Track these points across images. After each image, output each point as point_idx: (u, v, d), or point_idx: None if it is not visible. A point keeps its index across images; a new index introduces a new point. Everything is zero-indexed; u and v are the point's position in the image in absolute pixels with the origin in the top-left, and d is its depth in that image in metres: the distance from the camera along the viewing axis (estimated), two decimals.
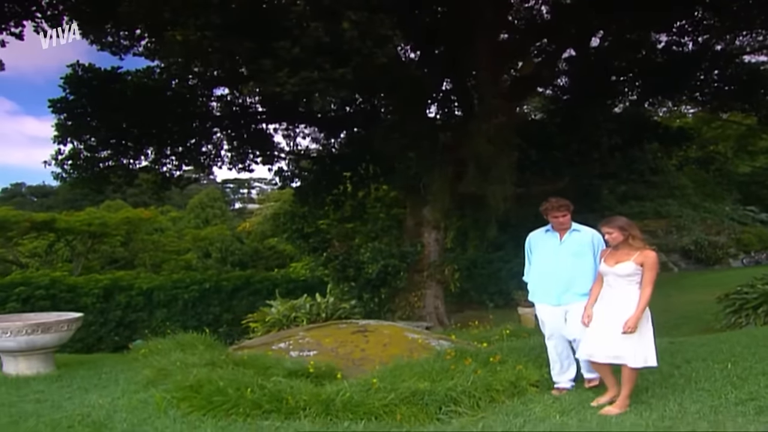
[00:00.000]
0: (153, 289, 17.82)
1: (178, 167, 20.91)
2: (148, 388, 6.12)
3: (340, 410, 5.03)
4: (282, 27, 8.61)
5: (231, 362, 6.32)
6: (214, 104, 20.38)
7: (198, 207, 42.20)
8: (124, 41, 17.43)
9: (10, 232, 29.49)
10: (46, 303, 15.59)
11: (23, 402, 5.91)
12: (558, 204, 5.71)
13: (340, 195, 21.35)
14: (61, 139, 17.93)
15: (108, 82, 17.69)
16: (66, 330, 7.34)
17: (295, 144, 22.09)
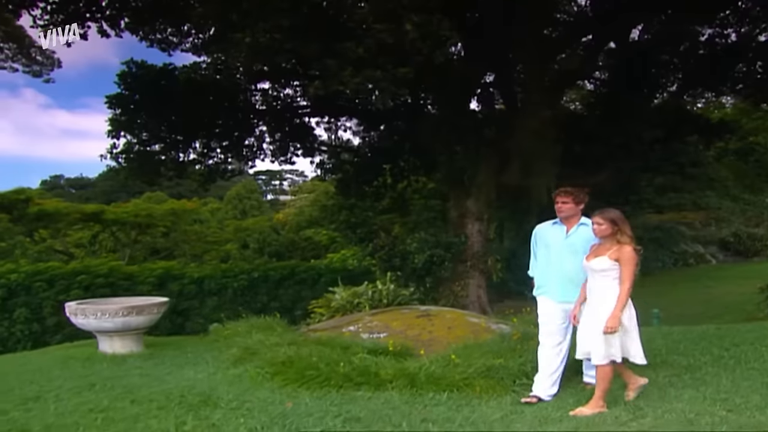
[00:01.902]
0: (204, 278, 18.48)
1: (224, 160, 21.65)
2: (238, 365, 6.69)
3: (424, 383, 5.54)
4: (346, 29, 9.09)
5: (310, 342, 6.86)
6: (257, 98, 20.96)
7: (236, 198, 43.11)
8: (172, 38, 18.19)
9: (59, 223, 30.48)
10: (106, 290, 16.30)
11: (129, 376, 6.51)
12: (562, 189, 5.51)
13: (380, 187, 21.84)
14: (115, 134, 18.69)
15: (159, 77, 18.43)
16: (156, 313, 7.98)
17: (337, 137, 22.67)
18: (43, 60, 21.20)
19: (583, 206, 5.45)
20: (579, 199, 5.42)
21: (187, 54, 19.01)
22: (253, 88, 20.47)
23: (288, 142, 21.89)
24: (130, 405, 5.35)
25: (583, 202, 5.44)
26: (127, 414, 5.07)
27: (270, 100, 20.82)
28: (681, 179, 24.78)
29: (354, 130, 22.49)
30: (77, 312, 7.75)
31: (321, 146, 22.61)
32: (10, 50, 21.06)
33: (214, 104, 18.53)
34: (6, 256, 22.97)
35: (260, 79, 19.60)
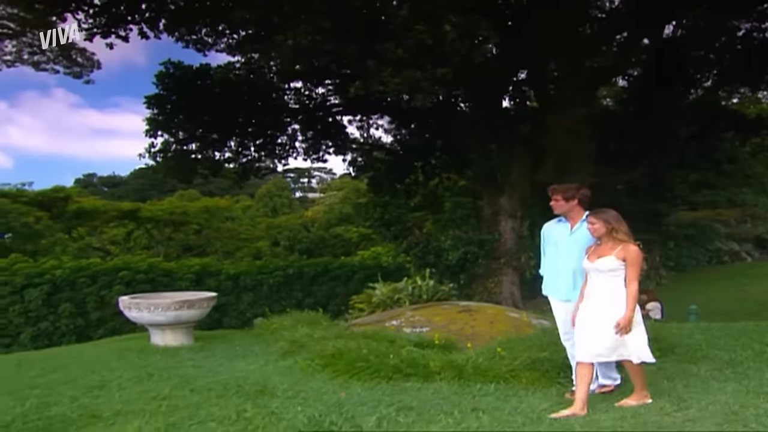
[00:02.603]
0: (240, 275, 18.87)
1: (257, 158, 21.99)
2: (287, 357, 6.93)
3: (471, 374, 5.71)
4: (386, 30, 9.28)
5: (356, 336, 7.07)
6: (290, 97, 21.24)
7: (266, 196, 43.60)
8: (207, 38, 18.54)
9: (95, 221, 31.18)
10: (146, 286, 16.75)
11: (182, 367, 6.79)
12: (551, 188, 5.48)
13: (411, 184, 22.01)
14: (153, 133, 19.12)
15: (195, 78, 18.82)
16: (205, 307, 8.28)
17: (369, 135, 22.88)
18: (83, 61, 21.69)
19: (576, 202, 5.36)
20: (569, 195, 5.37)
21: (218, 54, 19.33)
22: (286, 87, 20.77)
23: (320, 140, 22.16)
24: (190, 394, 5.61)
25: (574, 198, 5.36)
26: (189, 402, 5.32)
27: (303, 98, 21.10)
28: (716, 176, 24.52)
29: (386, 128, 22.72)
30: (131, 306, 8.06)
31: (353, 144, 22.87)
32: (51, 52, 21.63)
33: (248, 103, 18.86)
34: (47, 253, 23.60)
35: (293, 79, 19.88)
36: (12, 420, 4.96)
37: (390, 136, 22.98)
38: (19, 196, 27.82)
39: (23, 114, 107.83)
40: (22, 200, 27.53)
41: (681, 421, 4.46)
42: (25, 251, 21.91)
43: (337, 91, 20.22)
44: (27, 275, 16.36)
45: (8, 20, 20.94)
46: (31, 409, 5.25)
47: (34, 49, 21.99)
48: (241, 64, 19.79)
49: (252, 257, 30.49)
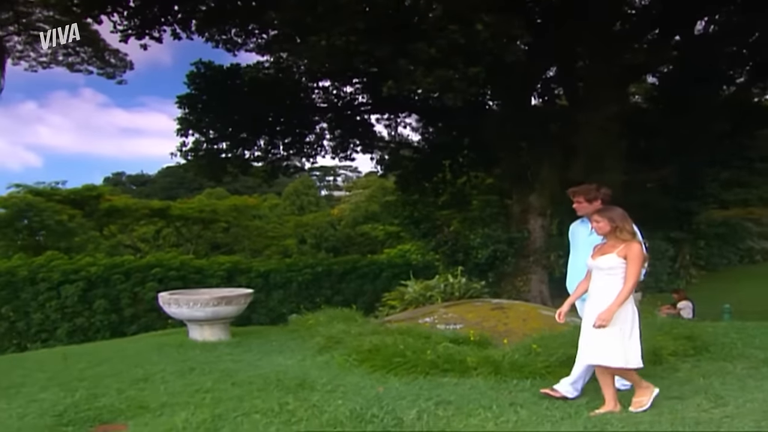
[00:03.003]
0: (270, 272, 19.08)
1: (286, 157, 22.22)
2: (323, 353, 7.06)
3: (508, 370, 5.80)
4: (419, 30, 9.37)
5: (392, 332, 7.18)
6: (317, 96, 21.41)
7: (293, 194, 43.91)
8: (237, 38, 18.79)
9: (125, 218, 31.69)
10: (179, 283, 17.01)
11: (222, 362, 6.95)
12: (571, 190, 5.53)
13: (439, 182, 22.08)
14: (184, 132, 19.43)
15: (226, 77, 19.07)
16: (243, 303, 8.45)
17: (397, 133, 22.98)
18: (116, 62, 22.16)
19: (599, 202, 5.34)
20: (591, 196, 5.40)
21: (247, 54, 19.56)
22: (315, 86, 20.95)
23: (348, 139, 22.33)
24: (232, 387, 5.76)
25: (597, 198, 5.37)
26: (232, 394, 5.47)
27: (331, 97, 21.27)
28: (748, 174, 24.19)
29: (413, 126, 22.80)
30: (170, 302, 8.26)
31: (380, 142, 22.99)
32: (86, 53, 22.10)
33: (277, 102, 19.07)
34: (80, 251, 24.08)
35: (322, 78, 20.05)
36: (65, 410, 5.15)
37: (417, 135, 23.09)
38: (52, 195, 28.36)
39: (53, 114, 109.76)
40: (55, 198, 28.09)
41: (719, 417, 4.48)
42: (59, 248, 22.34)
43: (364, 89, 20.37)
44: (63, 272, 16.73)
45: (43, 23, 21.43)
46: (81, 400, 5.44)
47: (68, 51, 22.50)
48: (270, 64, 20.03)
49: (279, 255, 30.81)
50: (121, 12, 15.62)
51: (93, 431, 4.71)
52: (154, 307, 17.07)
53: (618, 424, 4.48)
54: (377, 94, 19.28)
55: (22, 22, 21.12)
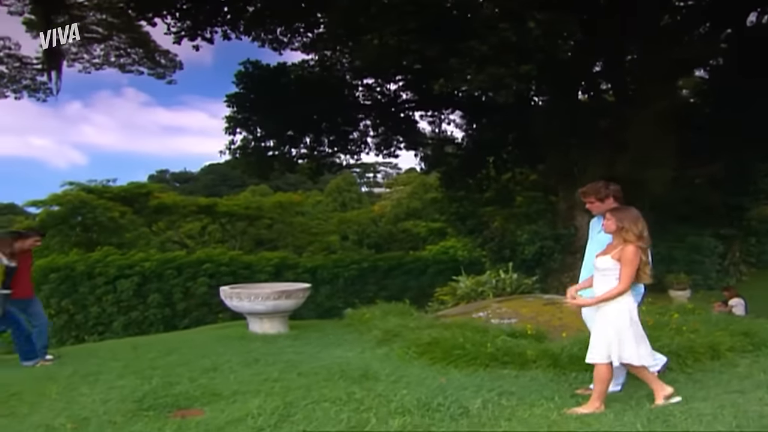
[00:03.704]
0: (317, 268, 19.40)
1: (331, 154, 22.48)
2: (382, 345, 7.26)
3: (567, 363, 5.91)
4: (470, 28, 9.48)
5: (449, 326, 7.33)
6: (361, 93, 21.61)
7: (335, 191, 44.32)
8: (282, 38, 19.13)
9: (173, 215, 32.45)
10: (229, 278, 17.41)
11: (284, 353, 7.20)
12: (581, 191, 5.56)
13: (483, 179, 22.06)
14: (232, 130, 19.85)
15: (273, 76, 19.41)
16: (301, 297, 8.72)
17: (441, 130, 23.02)
18: (166, 63, 22.69)
19: (611, 200, 5.35)
20: (601, 195, 5.40)
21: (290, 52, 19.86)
22: (359, 84, 21.16)
23: (391, 136, 22.46)
24: (298, 377, 5.99)
25: (608, 196, 5.37)
26: (299, 384, 5.69)
27: (375, 94, 21.45)
28: None
29: (457, 122, 22.82)
30: (232, 296, 8.56)
31: (424, 139, 23.08)
32: (137, 54, 22.69)
33: (322, 100, 19.32)
34: (131, 247, 24.75)
35: (366, 75, 20.25)
36: (143, 396, 5.43)
37: (461, 131, 23.10)
38: (104, 192, 29.20)
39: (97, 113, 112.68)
40: (106, 196, 28.94)
41: None
42: (111, 244, 23.01)
43: (408, 86, 20.50)
44: (119, 267, 17.28)
45: (97, 25, 22.09)
46: (157, 387, 5.72)
47: (120, 52, 23.12)
48: (315, 62, 20.32)
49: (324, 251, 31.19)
50: (173, 14, 16.08)
51: (172, 416, 4.95)
52: (206, 302, 17.61)
53: (680, 416, 4.56)
54: (422, 90, 19.49)
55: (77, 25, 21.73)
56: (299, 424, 4.51)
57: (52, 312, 17.18)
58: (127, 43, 22.59)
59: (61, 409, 5.23)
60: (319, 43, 18.46)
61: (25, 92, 22.92)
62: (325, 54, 20.19)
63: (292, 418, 4.66)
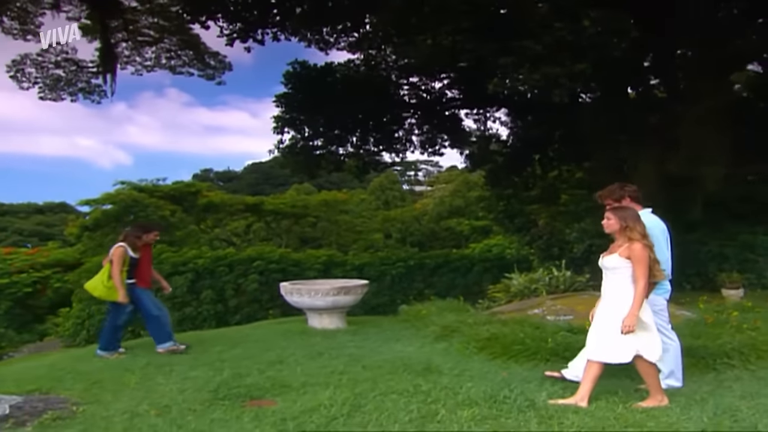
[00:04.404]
0: (364, 265, 19.57)
1: (377, 152, 22.68)
2: (440, 341, 7.43)
3: None
4: (524, 27, 9.55)
5: (508, 322, 7.45)
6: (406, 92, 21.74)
7: (378, 189, 44.55)
8: (329, 37, 19.39)
9: (220, 213, 33.11)
10: (278, 275, 17.71)
11: (345, 347, 7.41)
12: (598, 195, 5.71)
13: (529, 177, 21.99)
14: (280, 130, 20.19)
15: (320, 76, 19.69)
16: (359, 293, 8.93)
17: (486, 128, 23.02)
18: (215, 64, 23.20)
19: (628, 200, 5.47)
20: (616, 196, 5.52)
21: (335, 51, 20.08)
22: (404, 83, 21.30)
23: (436, 134, 22.54)
24: (363, 370, 6.19)
25: (624, 197, 5.50)
26: (365, 377, 5.89)
27: (419, 93, 21.56)
28: None
29: (502, 120, 22.79)
30: (292, 291, 8.81)
31: (469, 137, 23.11)
32: (187, 57, 23.25)
33: (368, 99, 19.50)
34: (181, 244, 25.33)
35: (411, 74, 20.39)
36: (217, 386, 5.69)
37: (506, 129, 23.05)
38: (154, 191, 29.95)
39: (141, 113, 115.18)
40: (157, 195, 29.68)
41: None
42: (162, 242, 23.59)
43: (454, 84, 20.57)
44: (173, 264, 17.71)
45: (148, 29, 22.70)
46: (229, 379, 5.98)
47: (170, 54, 23.71)
48: (360, 61, 20.54)
49: (371, 249, 31.44)
50: (225, 17, 16.46)
51: (247, 406, 5.19)
52: (256, 298, 17.97)
53: (747, 411, 4.65)
54: (468, 89, 19.54)
55: (129, 29, 22.40)
56: (371, 414, 4.69)
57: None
58: (178, 46, 23.16)
59: (141, 397, 5.51)
60: (365, 42, 18.64)
61: (80, 95, 23.66)
62: (370, 53, 20.37)
63: (363, 409, 4.84)
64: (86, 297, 18.27)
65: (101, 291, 7.66)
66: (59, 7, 19.74)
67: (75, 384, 6.17)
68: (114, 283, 7.51)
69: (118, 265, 7.50)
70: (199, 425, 4.64)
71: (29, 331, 25.07)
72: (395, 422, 4.51)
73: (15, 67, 22.08)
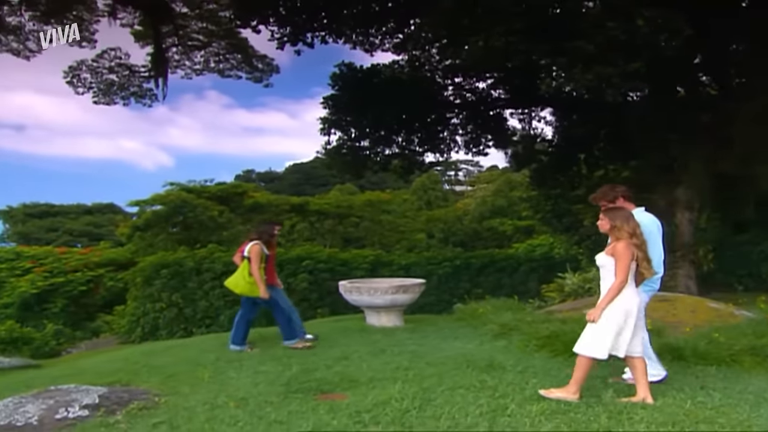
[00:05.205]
0: (410, 265, 19.76)
1: (421, 152, 22.83)
2: (499, 339, 7.55)
3: (690, 357, 6.05)
4: (576, 28, 9.60)
5: (562, 320, 7.54)
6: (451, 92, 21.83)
7: (420, 189, 44.70)
8: (373, 39, 19.62)
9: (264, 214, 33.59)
10: (326, 274, 18.05)
11: (407, 345, 7.59)
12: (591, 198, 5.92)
13: (574, 176, 21.86)
14: (326, 131, 20.49)
15: (366, 77, 19.94)
16: (417, 292, 9.10)
17: (531, 128, 22.97)
18: (263, 67, 23.65)
19: (621, 200, 5.64)
20: (609, 198, 5.70)
21: None
22: (448, 83, 21.40)
23: (480, 134, 22.58)
24: (426, 366, 6.36)
25: (616, 198, 5.68)
26: (430, 372, 6.06)
27: (463, 93, 21.64)
28: None
29: (547, 120, 22.71)
30: (351, 290, 9.03)
31: (513, 137, 23.09)
32: (235, 60, 23.74)
33: (412, 100, 19.66)
34: (229, 244, 25.83)
35: (456, 74, 20.49)
36: (288, 380, 5.93)
37: (551, 128, 22.96)
38: (202, 192, 30.60)
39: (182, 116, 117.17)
40: (204, 195, 30.32)
41: None
42: (210, 242, 24.11)
43: (498, 84, 20.60)
44: (225, 263, 18.11)
45: (198, 33, 23.25)
46: (298, 373, 6.21)
47: (219, 58, 24.25)
48: (405, 62, 20.72)
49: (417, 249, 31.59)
50: (276, 21, 16.82)
51: (318, 399, 5.40)
52: (305, 297, 18.28)
53: None
54: (513, 88, 19.57)
55: (179, 34, 22.98)
56: (442, 408, 4.86)
57: (164, 306, 18.24)
58: (226, 49, 23.67)
59: (217, 390, 5.78)
60: (410, 43, 18.81)
61: (132, 99, 24.36)
62: (414, 54, 20.54)
63: (433, 403, 5.02)
64: (141, 295, 18.91)
65: (243, 287, 7.91)
66: (115, 14, 20.38)
67: (151, 377, 6.49)
68: (255, 280, 7.74)
69: (256, 262, 7.77)
70: (278, 416, 4.85)
71: (82, 329, 25.81)
72: (467, 415, 4.66)
73: (71, 73, 22.87)
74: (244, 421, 4.78)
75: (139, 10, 21.20)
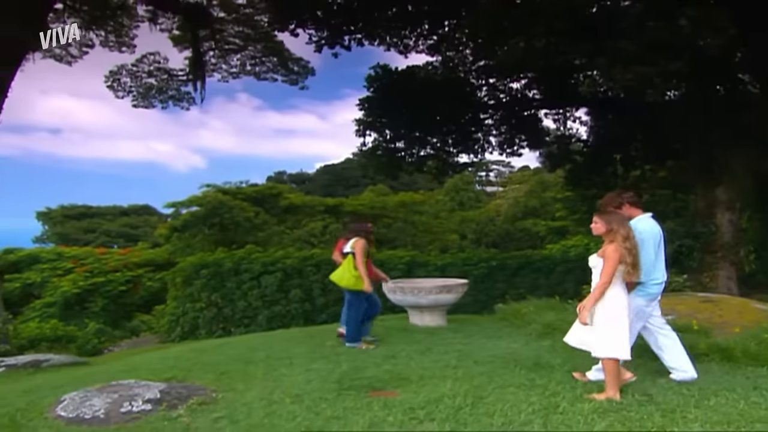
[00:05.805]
0: (446, 266, 19.72)
1: (455, 153, 22.89)
2: (544, 338, 7.63)
3: (740, 357, 6.06)
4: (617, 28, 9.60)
5: None
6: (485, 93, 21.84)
7: (453, 190, 44.72)
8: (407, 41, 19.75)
9: (299, 215, 33.98)
10: None
11: (451, 344, 7.69)
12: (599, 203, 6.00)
13: (609, 177, 21.72)
14: (362, 133, 20.67)
15: (400, 79, 20.06)
16: (460, 292, 9.20)
17: (566, 128, 22.88)
18: (299, 69, 23.91)
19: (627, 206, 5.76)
20: (615, 204, 5.77)
21: None
22: (482, 84, 21.42)
23: (514, 135, 22.56)
24: (474, 365, 6.46)
25: (622, 203, 5.77)
26: (478, 371, 6.16)
27: (497, 93, 21.65)
28: None
29: (582, 120, 22.61)
30: (395, 290, 9.16)
31: (547, 137, 23.02)
32: (271, 63, 24.05)
33: (447, 101, 19.73)
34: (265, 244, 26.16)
35: (489, 75, 20.51)
36: (340, 378, 6.07)
37: (585, 128, 22.85)
38: (237, 193, 31.03)
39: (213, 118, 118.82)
40: (240, 197, 30.73)
41: None
42: (246, 242, 24.44)
43: (533, 84, 20.58)
44: (263, 264, 18.36)
45: (234, 37, 23.60)
46: (349, 371, 6.35)
47: (255, 61, 24.57)
48: (439, 63, 20.81)
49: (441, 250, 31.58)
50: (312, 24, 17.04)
51: (371, 396, 5.53)
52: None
53: None
54: (547, 88, 19.53)
55: (216, 38, 23.35)
56: (494, 405, 4.96)
57: (203, 305, 18.54)
58: (262, 53, 23.98)
59: (272, 387, 5.93)
60: (444, 45, 18.89)
61: (170, 102, 24.82)
62: (448, 55, 20.62)
63: (485, 400, 5.12)
64: (181, 295, 19.24)
65: (348, 281, 8.04)
66: (155, 20, 20.80)
67: (204, 374, 6.67)
68: (360, 274, 7.91)
69: (361, 257, 7.93)
70: (334, 412, 4.99)
71: (121, 328, 26.32)
72: (519, 413, 4.76)
73: (112, 78, 23.40)
74: (302, 417, 4.92)
75: (178, 15, 21.57)
